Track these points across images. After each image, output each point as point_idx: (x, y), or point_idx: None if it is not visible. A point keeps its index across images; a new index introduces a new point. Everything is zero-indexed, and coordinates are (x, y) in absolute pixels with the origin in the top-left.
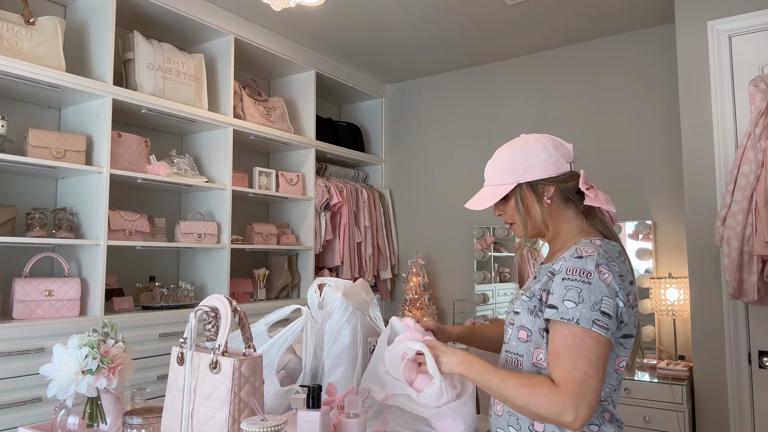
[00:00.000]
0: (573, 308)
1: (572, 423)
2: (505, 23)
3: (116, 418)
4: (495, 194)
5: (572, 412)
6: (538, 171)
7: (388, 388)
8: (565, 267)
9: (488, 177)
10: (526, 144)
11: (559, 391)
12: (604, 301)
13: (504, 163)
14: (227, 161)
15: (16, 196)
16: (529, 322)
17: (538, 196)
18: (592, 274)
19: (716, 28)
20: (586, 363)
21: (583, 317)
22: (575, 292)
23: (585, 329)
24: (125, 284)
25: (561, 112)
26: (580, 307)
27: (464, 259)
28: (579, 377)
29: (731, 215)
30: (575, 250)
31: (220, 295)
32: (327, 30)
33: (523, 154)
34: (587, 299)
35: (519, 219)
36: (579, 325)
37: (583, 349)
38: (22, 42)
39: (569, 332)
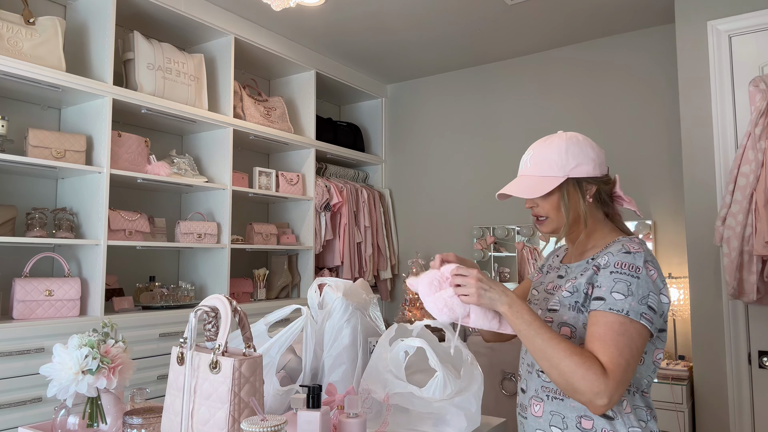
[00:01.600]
0: (622, 300)
1: (602, 406)
2: (505, 23)
3: (116, 418)
4: (544, 185)
5: (608, 396)
6: (587, 168)
7: (389, 387)
8: (614, 261)
9: (534, 166)
10: (576, 140)
11: (608, 375)
12: (651, 296)
13: (555, 155)
14: (227, 161)
15: (16, 196)
16: (572, 318)
17: (582, 193)
18: (641, 269)
19: (716, 28)
20: (629, 352)
21: (633, 309)
22: (624, 285)
23: (631, 320)
24: (125, 284)
25: (561, 112)
26: (629, 299)
27: None
28: (623, 364)
29: (731, 215)
30: (621, 246)
31: (220, 295)
32: (327, 30)
33: (576, 149)
34: (636, 293)
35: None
36: (627, 316)
37: (628, 338)
38: (22, 42)
39: (616, 320)
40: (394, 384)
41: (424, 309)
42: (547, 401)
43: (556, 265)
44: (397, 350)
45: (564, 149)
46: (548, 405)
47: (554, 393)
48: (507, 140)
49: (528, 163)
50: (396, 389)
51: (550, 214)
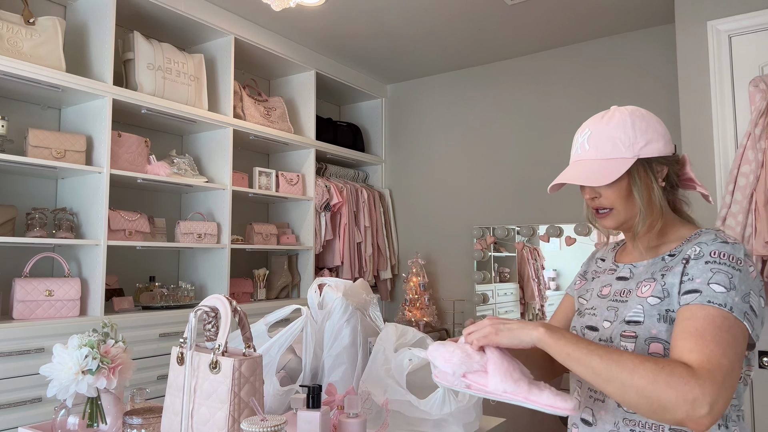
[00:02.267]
0: (724, 293)
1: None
2: (505, 23)
3: (116, 418)
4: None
5: (709, 403)
6: (658, 146)
7: (389, 393)
8: (709, 250)
9: (594, 148)
10: (641, 114)
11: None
12: (752, 295)
13: (621, 133)
14: (227, 161)
15: (16, 196)
16: (665, 332)
17: (654, 176)
18: (742, 262)
19: (716, 28)
20: (733, 353)
21: (737, 306)
22: (725, 276)
23: (736, 318)
24: (125, 284)
25: (561, 112)
26: (732, 293)
27: (464, 259)
28: (726, 366)
29: (731, 215)
30: (715, 235)
31: (220, 295)
32: (327, 30)
33: (643, 124)
34: (739, 287)
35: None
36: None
37: (733, 337)
38: (22, 42)
39: (720, 314)
40: (395, 390)
41: (424, 309)
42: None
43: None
44: (402, 357)
45: (630, 125)
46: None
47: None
48: (507, 140)
49: (586, 145)
50: (396, 396)
51: (616, 205)
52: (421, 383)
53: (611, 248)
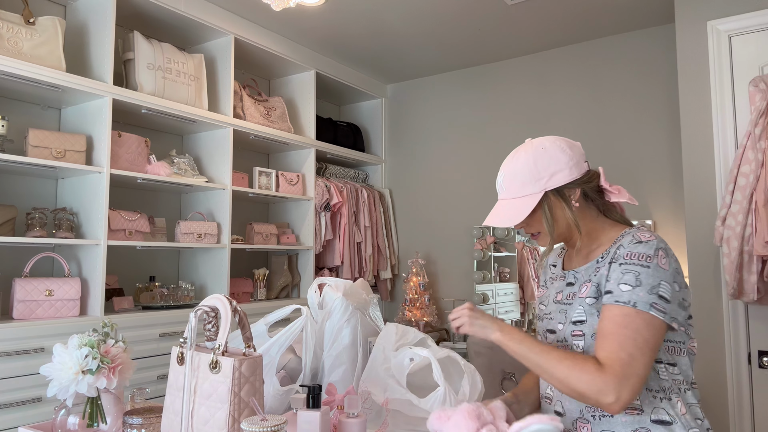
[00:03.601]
0: (629, 291)
1: (612, 404)
2: (505, 23)
3: (116, 418)
4: (525, 207)
5: (614, 392)
6: (563, 175)
7: (389, 392)
8: (624, 253)
9: (507, 189)
10: (542, 149)
11: (603, 369)
12: (662, 285)
13: (526, 173)
14: (227, 161)
15: (16, 196)
16: None
17: (566, 200)
18: (652, 258)
19: (716, 28)
20: (633, 345)
21: (641, 300)
22: (632, 275)
23: (638, 311)
24: (125, 284)
25: (561, 112)
26: (637, 290)
27: (464, 259)
28: (625, 358)
29: (731, 215)
30: (632, 236)
31: (220, 295)
32: (327, 30)
33: (545, 160)
34: (645, 282)
35: (547, 227)
36: (634, 307)
37: (632, 331)
38: (22, 42)
39: (620, 312)
40: (395, 390)
41: (424, 309)
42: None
43: (559, 273)
44: (403, 356)
45: (533, 163)
46: (596, 425)
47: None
48: (507, 140)
49: (503, 186)
50: (396, 395)
51: (541, 230)
52: (421, 383)
53: (557, 254)
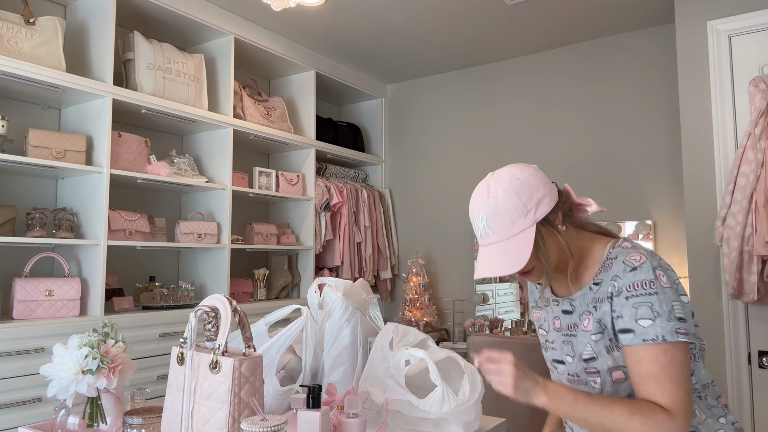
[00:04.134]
0: (652, 325)
1: None
2: (505, 23)
3: (116, 418)
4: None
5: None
6: (546, 202)
7: (389, 393)
8: (624, 284)
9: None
10: (518, 180)
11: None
12: (675, 306)
13: (512, 209)
14: (227, 161)
15: (16, 196)
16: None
17: (554, 227)
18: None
19: (716, 28)
20: (683, 378)
21: (666, 331)
22: (646, 308)
23: (672, 343)
24: (125, 284)
25: (561, 112)
26: (658, 321)
27: (464, 259)
28: (684, 395)
29: (731, 215)
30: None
31: (220, 295)
32: (327, 30)
33: (526, 190)
34: (661, 311)
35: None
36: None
37: (677, 365)
38: (22, 42)
39: (659, 350)
40: (394, 390)
41: (424, 309)
42: None
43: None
44: (399, 357)
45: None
46: None
47: None
48: (507, 140)
49: (488, 230)
50: (395, 396)
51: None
52: (421, 383)
53: None
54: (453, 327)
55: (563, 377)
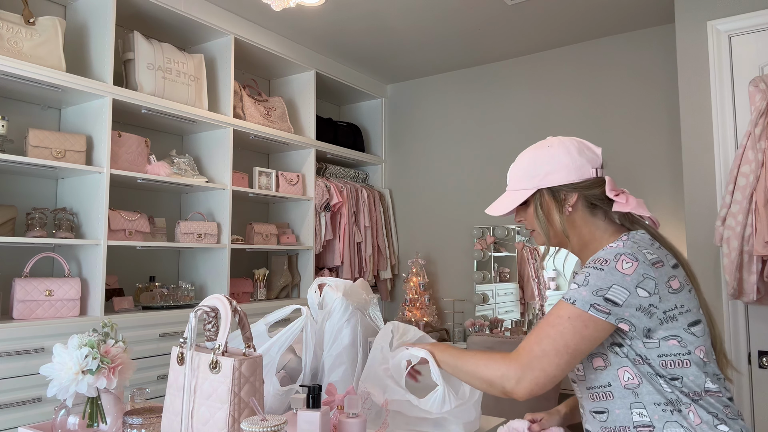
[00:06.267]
0: (575, 289)
1: (514, 388)
2: (505, 23)
3: (116, 418)
4: (513, 200)
5: (515, 378)
6: (559, 176)
7: (389, 393)
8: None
9: (510, 181)
10: (548, 147)
11: (510, 357)
12: (614, 288)
13: (525, 168)
14: (227, 161)
15: (16, 196)
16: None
17: (560, 203)
18: (609, 261)
19: (716, 28)
20: (550, 342)
21: (582, 298)
22: (583, 276)
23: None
24: (125, 284)
25: (561, 112)
26: (581, 289)
27: (464, 259)
28: (536, 351)
29: (731, 215)
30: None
31: (220, 295)
32: (327, 30)
33: (545, 158)
34: (592, 283)
35: (539, 227)
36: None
37: (556, 332)
38: (22, 42)
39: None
40: (394, 391)
41: (424, 309)
42: None
43: None
44: (400, 357)
45: (533, 160)
46: None
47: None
48: (507, 140)
49: (508, 179)
50: (395, 396)
51: (535, 227)
52: (421, 383)
53: None
54: (453, 327)
55: None
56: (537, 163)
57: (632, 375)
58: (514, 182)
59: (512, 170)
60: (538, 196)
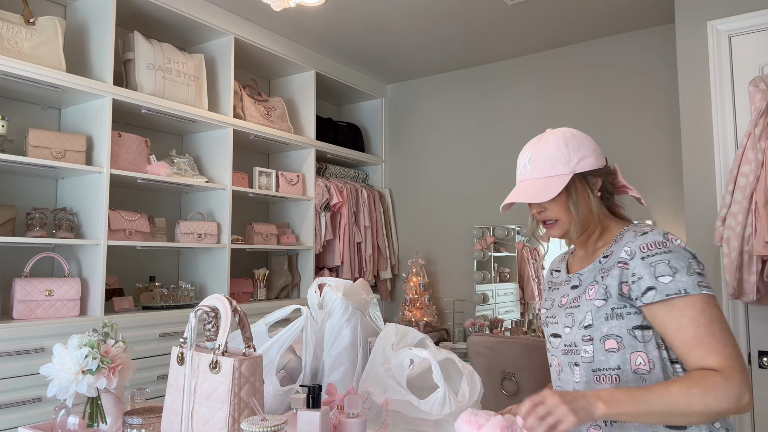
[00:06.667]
0: (672, 281)
1: (748, 402)
2: (505, 23)
3: (116, 418)
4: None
5: (748, 391)
6: (591, 161)
7: (389, 393)
8: (637, 247)
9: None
10: (571, 135)
11: (730, 374)
12: (691, 263)
13: (556, 153)
14: (227, 161)
15: (16, 196)
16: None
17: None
18: (666, 243)
19: (716, 28)
20: (726, 333)
21: (688, 285)
22: (664, 265)
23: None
24: (125, 284)
25: (561, 112)
26: (678, 276)
27: (464, 259)
28: (732, 351)
29: (731, 215)
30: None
31: (220, 295)
32: (327, 30)
33: (575, 143)
34: (679, 267)
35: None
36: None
37: (717, 322)
38: (22, 42)
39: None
40: (395, 390)
41: (424, 309)
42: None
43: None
44: (402, 357)
45: (563, 144)
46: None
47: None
48: (507, 140)
49: (528, 167)
50: (396, 396)
51: (560, 216)
52: (420, 384)
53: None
54: (453, 327)
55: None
56: (570, 147)
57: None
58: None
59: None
60: (571, 183)
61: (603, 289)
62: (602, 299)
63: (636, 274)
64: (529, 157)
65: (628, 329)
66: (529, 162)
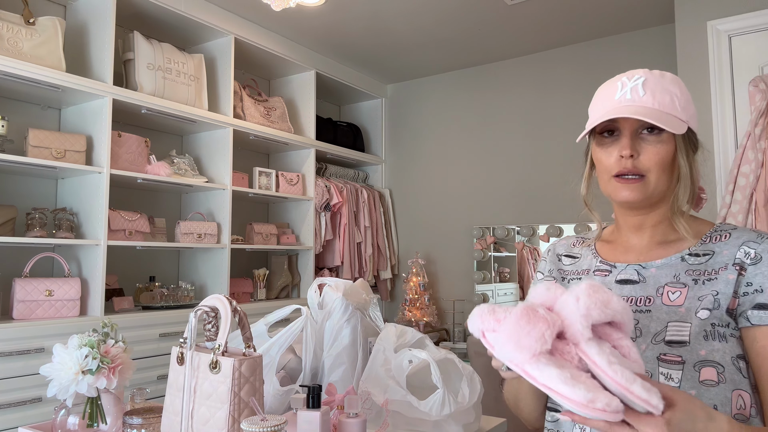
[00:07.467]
0: None
1: None
2: (505, 23)
3: (116, 418)
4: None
5: None
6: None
7: (389, 393)
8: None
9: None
10: None
11: None
12: None
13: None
14: (227, 161)
15: (16, 196)
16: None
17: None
18: None
19: (716, 28)
20: None
21: None
22: None
23: None
24: (125, 284)
25: (561, 112)
26: None
27: (464, 259)
28: None
29: (731, 215)
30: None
31: (220, 295)
32: (327, 30)
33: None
34: None
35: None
36: None
37: None
38: (22, 42)
39: None
40: (395, 391)
41: (424, 309)
42: None
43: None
44: (402, 358)
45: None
46: None
47: None
48: (507, 140)
49: (641, 90)
50: (396, 396)
51: (653, 170)
52: (420, 384)
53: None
54: (453, 327)
55: None
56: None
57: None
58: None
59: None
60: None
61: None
62: (708, 309)
63: (754, 284)
64: (643, 80)
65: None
66: (644, 86)
